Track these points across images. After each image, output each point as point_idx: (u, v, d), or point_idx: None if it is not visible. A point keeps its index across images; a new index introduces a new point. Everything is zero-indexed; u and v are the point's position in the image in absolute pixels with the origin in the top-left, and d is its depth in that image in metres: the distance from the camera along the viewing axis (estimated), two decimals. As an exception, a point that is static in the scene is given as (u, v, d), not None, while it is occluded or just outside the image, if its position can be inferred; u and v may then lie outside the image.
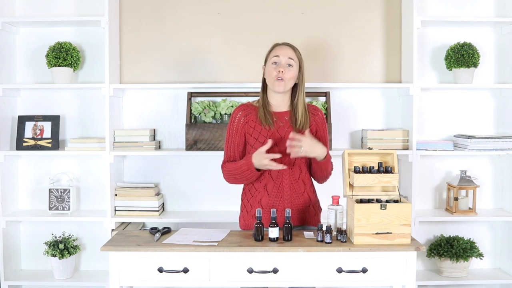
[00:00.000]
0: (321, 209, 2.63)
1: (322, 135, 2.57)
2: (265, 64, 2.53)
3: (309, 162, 2.54)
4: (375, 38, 3.48)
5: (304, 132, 2.44)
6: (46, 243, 3.33)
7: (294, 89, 2.52)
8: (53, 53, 3.26)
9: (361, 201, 2.31)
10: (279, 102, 2.52)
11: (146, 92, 3.47)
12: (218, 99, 3.45)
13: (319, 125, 2.56)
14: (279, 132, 2.47)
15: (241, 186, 2.62)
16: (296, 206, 2.50)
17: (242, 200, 2.58)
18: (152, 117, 3.48)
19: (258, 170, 2.41)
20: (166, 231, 2.48)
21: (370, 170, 2.38)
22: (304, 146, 2.34)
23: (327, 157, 2.45)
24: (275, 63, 2.45)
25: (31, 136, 3.33)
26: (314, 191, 2.59)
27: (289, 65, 2.45)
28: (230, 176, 2.49)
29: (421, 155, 3.31)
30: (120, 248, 2.26)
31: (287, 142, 2.37)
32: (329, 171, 2.53)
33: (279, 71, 2.42)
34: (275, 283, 2.25)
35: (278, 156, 2.35)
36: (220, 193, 3.44)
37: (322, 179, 2.57)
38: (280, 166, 2.36)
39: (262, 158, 2.34)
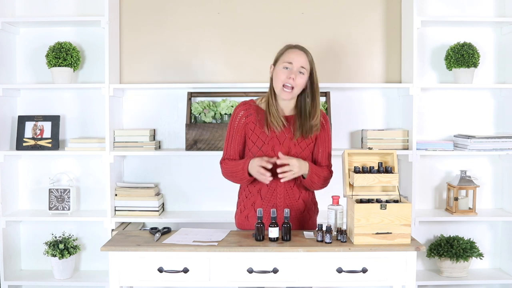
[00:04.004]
0: (318, 211, 2.61)
1: (322, 141, 2.50)
2: (274, 64, 2.45)
3: None
4: (375, 38, 3.48)
5: (305, 140, 2.44)
6: (46, 243, 3.33)
7: (301, 93, 2.45)
8: (53, 53, 3.26)
9: (361, 201, 2.31)
10: (284, 106, 2.47)
11: (146, 92, 3.47)
12: (218, 99, 3.45)
13: (320, 133, 2.49)
14: (278, 138, 2.44)
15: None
16: (290, 211, 2.46)
17: (238, 198, 2.59)
18: (152, 117, 3.48)
19: (250, 175, 2.39)
20: (166, 231, 2.48)
21: (370, 170, 2.38)
22: (293, 169, 2.34)
23: (310, 173, 2.40)
24: (286, 68, 2.38)
25: (31, 136, 3.33)
26: (311, 195, 2.56)
27: (301, 72, 2.38)
28: (227, 173, 2.49)
29: (421, 155, 3.31)
30: (120, 248, 2.26)
31: (277, 169, 2.34)
32: (317, 183, 2.46)
33: (289, 78, 2.36)
34: (275, 283, 2.25)
35: (270, 165, 2.33)
36: (220, 193, 3.44)
37: (315, 189, 2.52)
38: (267, 181, 2.33)
39: (257, 165, 2.33)
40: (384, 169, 2.38)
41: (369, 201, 2.32)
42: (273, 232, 2.27)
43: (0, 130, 3.29)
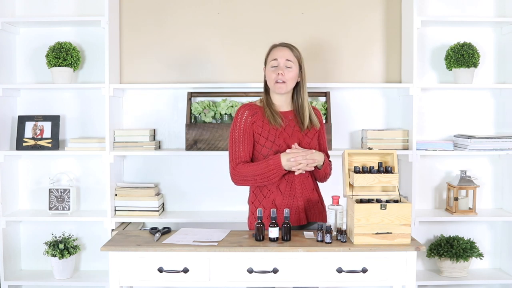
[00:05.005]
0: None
1: (322, 134, 2.61)
2: (265, 66, 2.55)
3: None
4: (375, 38, 3.48)
5: (310, 131, 2.52)
6: (46, 243, 3.33)
7: (296, 88, 2.54)
8: (53, 53, 3.26)
9: (361, 201, 2.31)
10: (282, 102, 2.54)
11: (146, 92, 3.47)
12: (218, 99, 3.45)
13: (320, 126, 2.60)
14: (286, 131, 2.48)
15: (246, 187, 2.59)
16: (307, 203, 2.51)
17: (252, 203, 2.54)
18: (152, 117, 3.48)
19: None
20: (166, 231, 2.48)
21: (370, 170, 2.38)
22: (315, 156, 2.43)
23: (325, 163, 2.52)
24: (274, 66, 2.47)
25: (31, 136, 3.33)
26: (319, 188, 2.64)
27: (288, 66, 2.46)
28: (248, 177, 2.43)
29: (421, 155, 3.31)
30: (120, 248, 2.26)
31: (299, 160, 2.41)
32: (328, 172, 2.60)
33: (278, 74, 2.45)
34: (275, 283, 2.25)
35: (295, 149, 2.41)
36: (220, 193, 3.45)
37: (322, 179, 2.62)
38: (301, 171, 2.41)
39: (287, 156, 2.39)
40: (384, 169, 2.38)
41: (369, 201, 2.32)
42: (273, 232, 2.27)
43: (0, 130, 3.29)
